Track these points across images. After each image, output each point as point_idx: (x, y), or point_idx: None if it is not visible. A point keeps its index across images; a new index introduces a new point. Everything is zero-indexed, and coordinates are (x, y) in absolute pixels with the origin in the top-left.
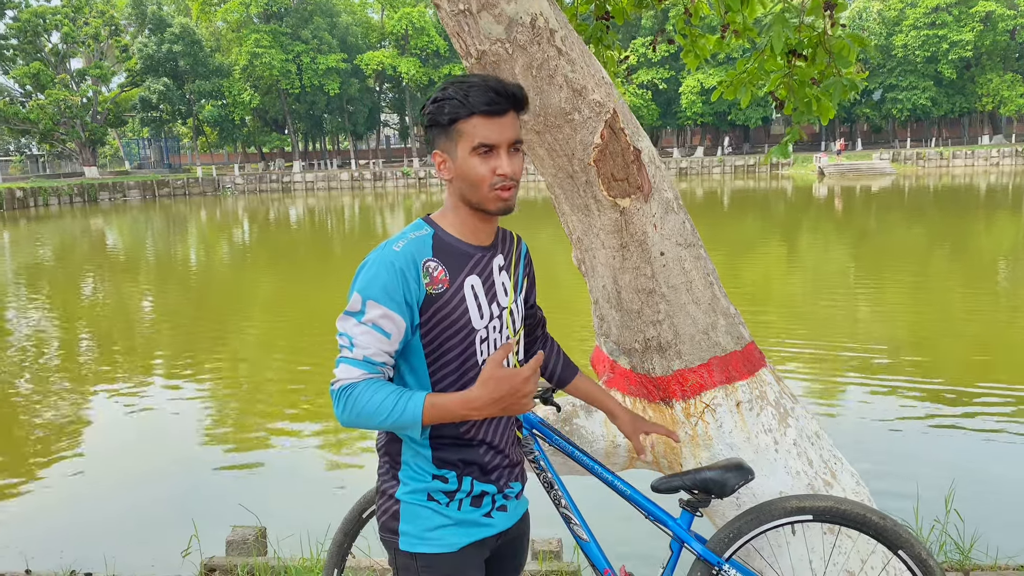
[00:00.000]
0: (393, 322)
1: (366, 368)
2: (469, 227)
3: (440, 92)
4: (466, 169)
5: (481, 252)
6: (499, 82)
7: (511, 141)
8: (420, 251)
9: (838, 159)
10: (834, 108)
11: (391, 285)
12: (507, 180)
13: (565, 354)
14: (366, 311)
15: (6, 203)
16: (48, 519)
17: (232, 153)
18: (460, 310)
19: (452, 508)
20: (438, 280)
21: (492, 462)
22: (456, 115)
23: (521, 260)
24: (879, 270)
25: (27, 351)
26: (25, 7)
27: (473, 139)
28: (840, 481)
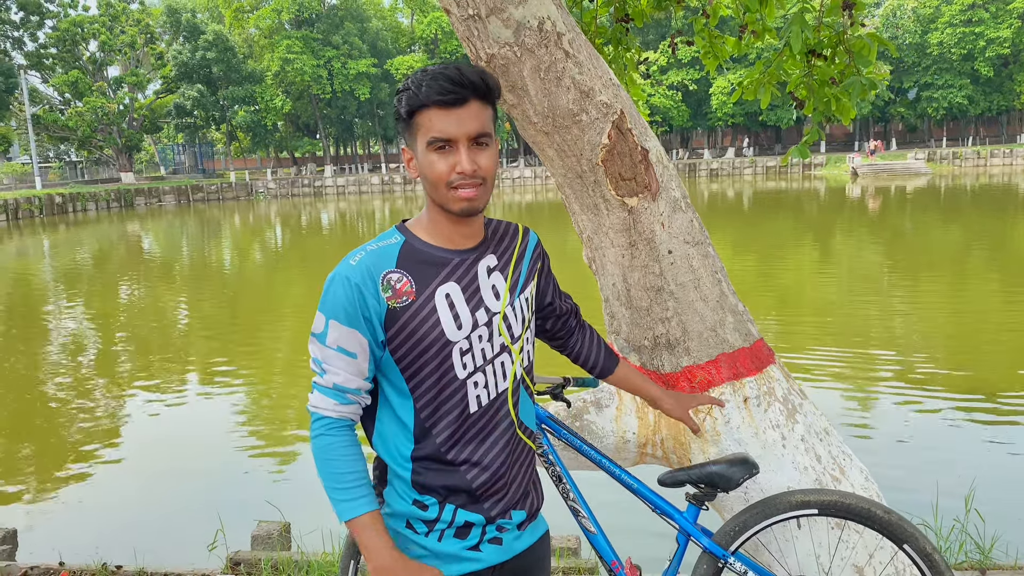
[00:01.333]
0: (356, 340)
1: (337, 398)
2: (443, 231)
3: (403, 83)
4: (425, 166)
5: (460, 256)
6: (458, 70)
7: (473, 135)
8: (379, 263)
9: (872, 159)
10: (854, 108)
11: (348, 302)
12: (467, 178)
13: (606, 343)
14: (328, 332)
15: (46, 209)
16: (81, 515)
17: (265, 158)
18: (431, 322)
19: (431, 539)
20: (402, 293)
21: (482, 487)
22: (412, 107)
23: (527, 255)
24: (914, 272)
25: (66, 353)
26: (64, 17)
27: (428, 133)
28: (849, 477)
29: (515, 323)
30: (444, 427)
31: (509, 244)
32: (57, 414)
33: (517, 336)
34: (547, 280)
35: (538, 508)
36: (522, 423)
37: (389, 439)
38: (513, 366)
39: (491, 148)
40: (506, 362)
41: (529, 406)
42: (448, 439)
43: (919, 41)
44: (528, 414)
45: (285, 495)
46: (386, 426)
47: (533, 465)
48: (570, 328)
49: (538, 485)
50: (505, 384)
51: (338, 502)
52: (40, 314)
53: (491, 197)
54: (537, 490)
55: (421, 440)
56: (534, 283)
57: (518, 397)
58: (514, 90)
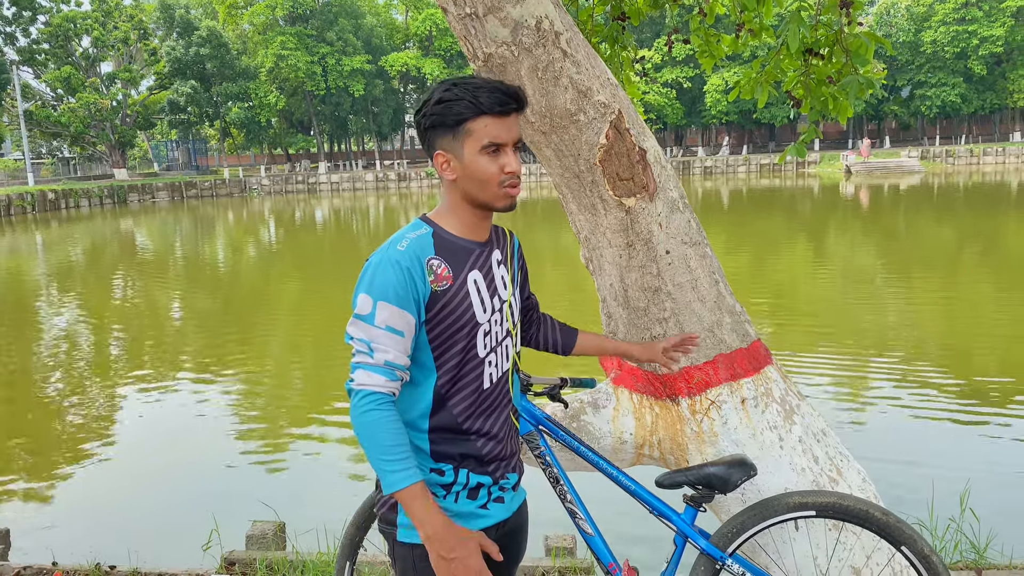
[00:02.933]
0: (405, 320)
1: (388, 375)
2: (468, 225)
3: (443, 93)
4: (475, 168)
5: (480, 247)
6: (503, 84)
7: (516, 140)
8: (423, 249)
9: (864, 158)
10: (851, 106)
11: (399, 284)
12: (514, 177)
13: (559, 322)
14: (377, 312)
15: (39, 205)
16: (74, 514)
17: (259, 155)
18: (465, 305)
19: (449, 501)
20: (442, 277)
21: (490, 453)
22: (464, 116)
23: (515, 254)
24: (907, 271)
25: (58, 350)
26: (56, 12)
27: (483, 139)
28: (846, 478)
29: (516, 311)
30: (461, 400)
31: (505, 242)
32: (49, 412)
33: (516, 322)
34: (525, 279)
35: (522, 472)
36: (513, 399)
37: (408, 413)
38: (514, 348)
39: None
40: (509, 345)
41: (517, 386)
42: (465, 411)
43: (912, 39)
44: (517, 393)
45: (280, 495)
46: (403, 403)
47: (518, 437)
48: (530, 320)
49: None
50: (507, 364)
51: (388, 473)
52: (32, 311)
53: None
54: (519, 455)
55: (438, 412)
56: (519, 279)
57: (514, 378)
58: None
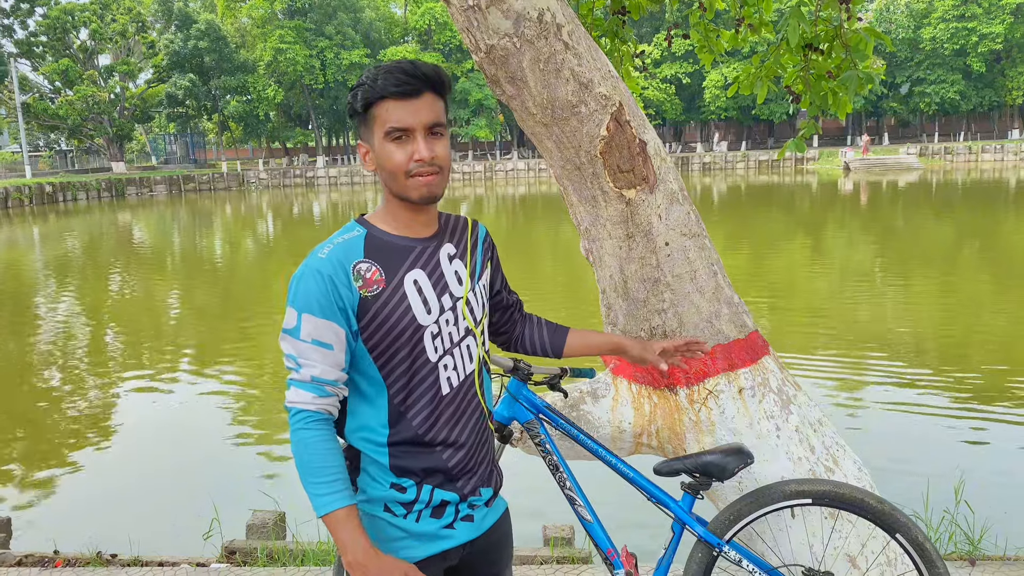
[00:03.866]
0: (333, 332)
1: (316, 391)
2: (403, 220)
3: (357, 81)
4: (383, 156)
5: (423, 244)
6: (412, 64)
7: (428, 124)
8: (349, 254)
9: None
10: (851, 102)
11: (322, 294)
12: (425, 165)
13: (549, 322)
14: (302, 325)
15: (36, 198)
16: (75, 504)
17: (257, 148)
18: (402, 308)
19: (409, 520)
20: (372, 282)
21: (458, 465)
22: (368, 100)
23: (479, 245)
24: (905, 266)
25: (56, 342)
26: (54, 4)
27: (385, 123)
28: (842, 467)
29: (476, 307)
30: (420, 410)
31: (462, 234)
32: (49, 403)
33: (478, 320)
34: (496, 271)
35: (500, 486)
36: (486, 403)
37: (362, 428)
38: (478, 349)
39: (445, 138)
40: (471, 345)
41: (490, 388)
42: (425, 421)
43: (912, 36)
44: (489, 396)
45: (279, 485)
46: (359, 417)
47: (493, 443)
48: (514, 321)
49: (498, 464)
50: (472, 366)
51: (316, 496)
52: (30, 304)
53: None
54: (498, 469)
55: (397, 424)
56: (487, 272)
57: (482, 379)
58: (513, 81)
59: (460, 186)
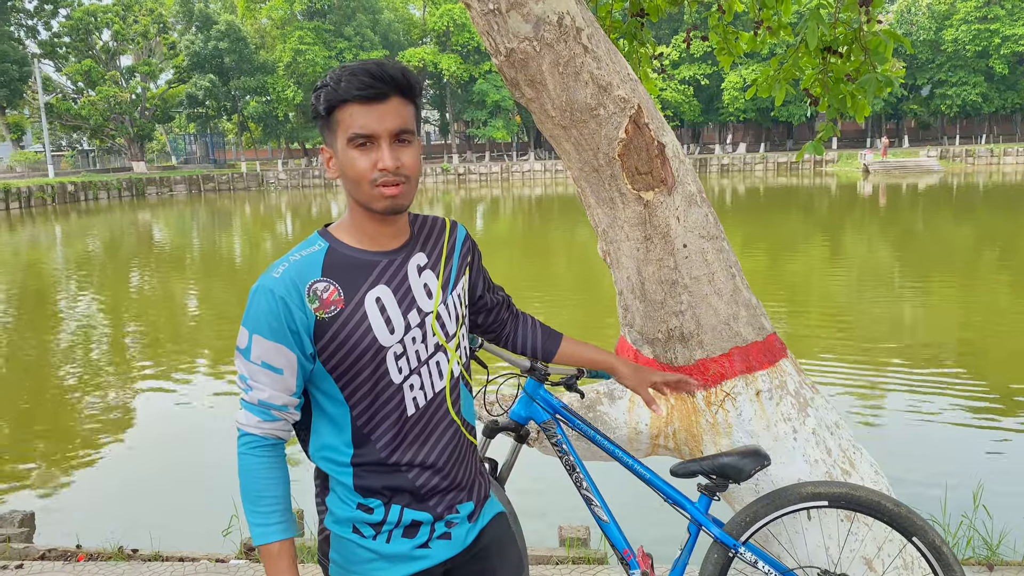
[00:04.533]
0: (282, 355)
1: (262, 415)
2: (368, 232)
3: (321, 80)
4: (345, 164)
5: (388, 257)
6: (379, 66)
7: (394, 131)
8: (304, 273)
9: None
10: (870, 105)
11: (273, 316)
12: (390, 175)
13: (542, 324)
14: (252, 347)
15: (58, 197)
16: (96, 500)
17: (276, 149)
18: (362, 329)
19: (379, 542)
20: (329, 302)
21: (427, 485)
22: (331, 103)
23: (456, 250)
24: (925, 270)
25: (77, 341)
26: (78, 6)
27: (348, 129)
28: (859, 470)
29: (449, 321)
30: (383, 432)
31: (437, 240)
32: (70, 401)
33: (452, 334)
34: (478, 274)
35: (486, 496)
36: (464, 419)
37: (326, 448)
38: (449, 364)
39: (414, 146)
40: (441, 361)
41: (469, 402)
42: (388, 444)
43: (933, 38)
44: (468, 410)
45: (296, 483)
46: (322, 436)
47: (476, 457)
48: (502, 320)
49: (484, 473)
50: (442, 383)
51: (252, 526)
52: (51, 302)
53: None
54: (483, 478)
55: (361, 446)
56: (466, 278)
57: (457, 394)
58: (532, 84)
59: (477, 187)
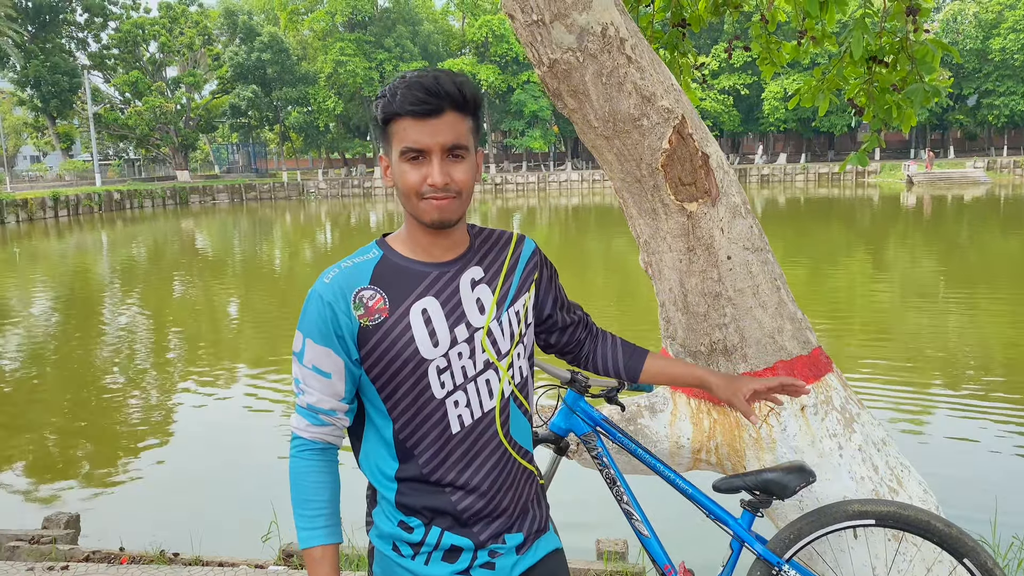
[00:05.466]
0: (330, 360)
1: (311, 419)
2: (421, 242)
3: (381, 90)
4: (398, 175)
5: (440, 269)
6: (435, 79)
7: (447, 146)
8: (353, 280)
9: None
10: (916, 115)
11: (321, 321)
12: (438, 190)
13: (626, 342)
14: (305, 351)
15: (105, 205)
16: (139, 504)
17: (316, 158)
18: (404, 340)
19: (418, 563)
20: (374, 310)
21: (470, 509)
22: (387, 115)
23: (520, 265)
24: (971, 283)
25: (121, 346)
26: (126, 19)
27: (402, 142)
28: (907, 488)
29: (501, 338)
30: (425, 448)
31: (499, 254)
32: (114, 404)
33: (504, 352)
34: (547, 291)
35: (540, 528)
36: (515, 443)
37: (373, 459)
38: (500, 384)
39: (467, 161)
40: (492, 380)
41: (523, 425)
42: (430, 460)
43: (980, 47)
44: (522, 434)
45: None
46: (370, 445)
47: (532, 486)
48: (579, 340)
49: (540, 504)
50: (491, 403)
51: (298, 529)
52: (97, 307)
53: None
54: (539, 509)
55: (405, 461)
56: (529, 295)
57: (507, 416)
58: (575, 95)
59: (514, 196)
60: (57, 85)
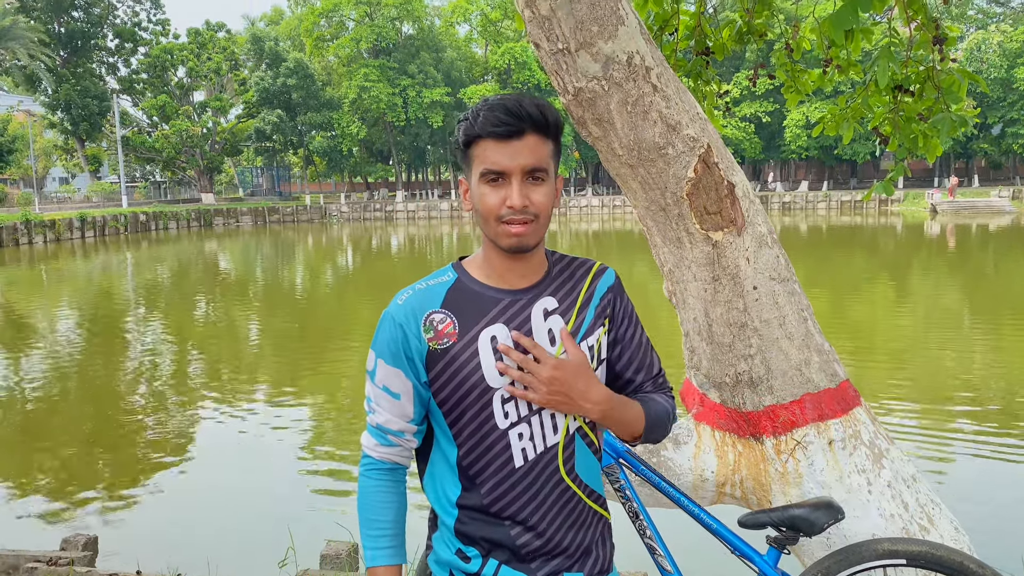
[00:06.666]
0: (400, 380)
1: (380, 439)
2: (496, 268)
3: (464, 113)
4: (477, 198)
5: (513, 297)
6: (518, 101)
7: (527, 168)
8: (426, 303)
9: (951, 197)
10: (943, 145)
11: (392, 341)
12: (518, 213)
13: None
14: (377, 370)
15: (131, 226)
16: (157, 526)
17: (339, 182)
18: (471, 366)
19: None
20: (443, 334)
21: (529, 546)
22: (468, 138)
23: (595, 298)
24: (996, 314)
25: (143, 367)
26: (156, 44)
27: (482, 164)
28: (938, 527)
29: None
30: (488, 477)
31: (576, 285)
32: (134, 426)
33: None
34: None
35: (603, 570)
36: (580, 481)
37: (437, 482)
38: (566, 420)
39: (547, 184)
40: (557, 415)
41: (591, 464)
42: (492, 491)
43: (1005, 76)
44: (589, 473)
45: (353, 516)
46: (436, 468)
47: (599, 528)
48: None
49: (606, 545)
50: (555, 439)
51: (364, 548)
52: (120, 327)
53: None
54: (604, 550)
55: (468, 488)
56: (604, 329)
57: (572, 452)
58: (600, 123)
59: None
60: (87, 108)
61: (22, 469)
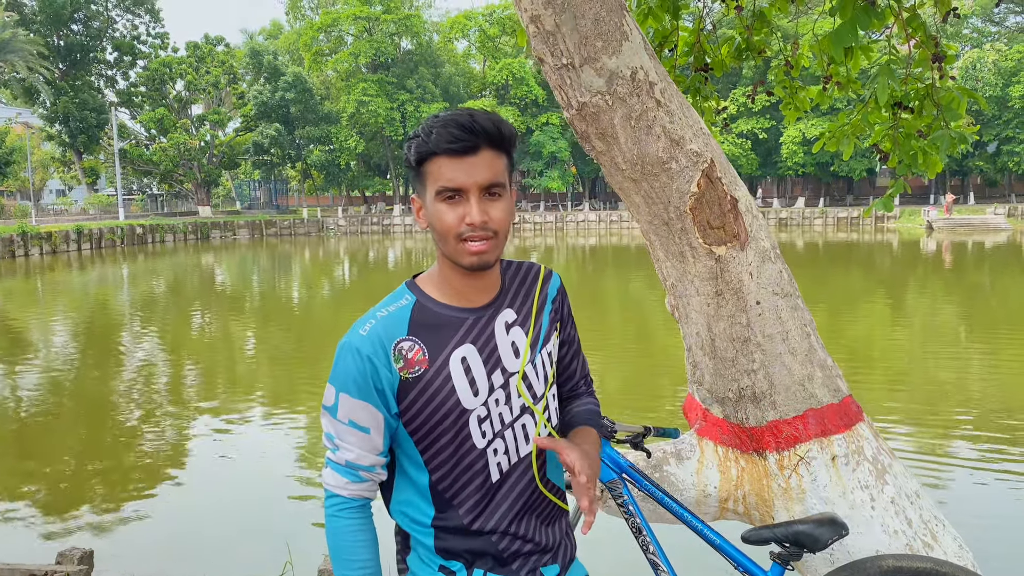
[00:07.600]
0: (369, 414)
1: (350, 476)
2: (455, 286)
3: (415, 130)
4: (434, 216)
5: (475, 315)
6: (470, 116)
7: (484, 184)
8: (391, 331)
9: (947, 214)
10: (942, 162)
11: (359, 374)
12: (478, 230)
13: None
14: (339, 405)
15: (127, 238)
16: (153, 540)
17: (336, 196)
18: (445, 391)
19: None
20: (414, 362)
21: (510, 549)
22: (421, 155)
23: (547, 303)
24: (993, 331)
25: (137, 380)
26: (154, 57)
27: (437, 181)
28: (942, 544)
29: (536, 382)
30: (466, 498)
31: (528, 292)
32: (128, 439)
33: (540, 395)
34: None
35: (571, 558)
36: (550, 483)
37: (407, 508)
38: (537, 427)
39: (504, 199)
40: (528, 424)
41: (558, 465)
42: (471, 510)
43: (1000, 94)
44: (557, 473)
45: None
46: (404, 494)
47: (564, 520)
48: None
49: (570, 535)
50: (528, 448)
51: None
52: (115, 340)
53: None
54: (570, 540)
55: (443, 511)
56: (556, 333)
57: (544, 459)
58: (603, 137)
59: (531, 236)
60: (85, 121)
61: (18, 482)
